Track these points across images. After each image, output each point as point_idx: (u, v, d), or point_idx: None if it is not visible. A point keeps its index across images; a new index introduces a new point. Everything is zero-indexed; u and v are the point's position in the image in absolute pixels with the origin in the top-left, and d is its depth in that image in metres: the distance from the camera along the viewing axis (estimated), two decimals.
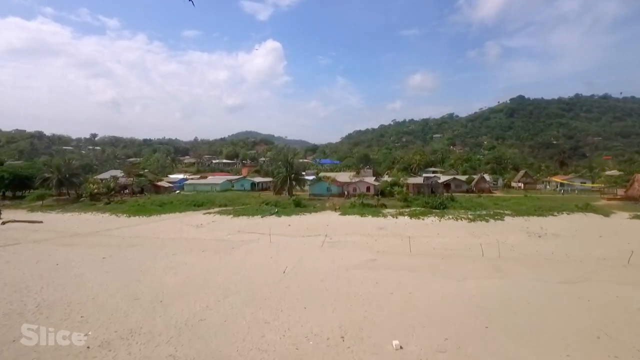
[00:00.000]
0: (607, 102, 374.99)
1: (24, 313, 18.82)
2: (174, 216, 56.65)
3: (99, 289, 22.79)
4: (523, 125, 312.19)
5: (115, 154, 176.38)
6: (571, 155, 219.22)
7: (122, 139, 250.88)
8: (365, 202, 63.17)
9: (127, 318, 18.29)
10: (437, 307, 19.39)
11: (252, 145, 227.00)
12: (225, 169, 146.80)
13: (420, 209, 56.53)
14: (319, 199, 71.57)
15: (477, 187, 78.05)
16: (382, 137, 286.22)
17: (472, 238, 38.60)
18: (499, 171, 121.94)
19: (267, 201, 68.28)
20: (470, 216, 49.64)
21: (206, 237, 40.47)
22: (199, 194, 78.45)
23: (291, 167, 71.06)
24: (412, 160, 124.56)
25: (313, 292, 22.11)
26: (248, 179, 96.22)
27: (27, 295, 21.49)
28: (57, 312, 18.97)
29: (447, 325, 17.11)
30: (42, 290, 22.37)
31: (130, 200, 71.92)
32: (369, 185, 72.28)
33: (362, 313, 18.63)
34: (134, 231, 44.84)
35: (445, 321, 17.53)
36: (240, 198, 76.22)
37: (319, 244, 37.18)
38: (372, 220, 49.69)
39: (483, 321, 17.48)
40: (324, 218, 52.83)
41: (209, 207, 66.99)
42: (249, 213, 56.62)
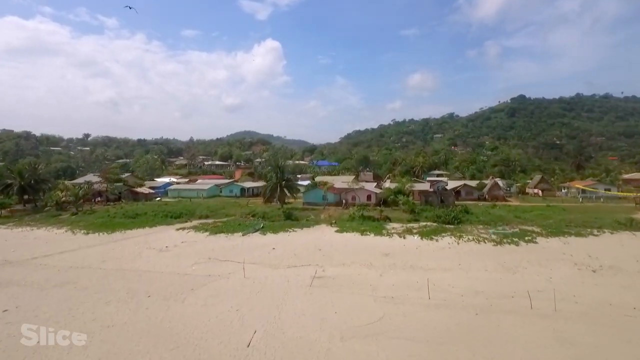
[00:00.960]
0: (609, 102, 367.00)
1: None
2: (142, 233, 47.39)
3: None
4: (524, 125, 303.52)
5: (104, 155, 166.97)
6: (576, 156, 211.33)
7: (116, 139, 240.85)
8: (366, 214, 54.01)
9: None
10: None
11: (248, 145, 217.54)
12: (218, 171, 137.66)
13: (431, 225, 47.36)
14: (313, 209, 62.43)
15: (490, 195, 69.07)
16: (382, 137, 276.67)
17: (506, 272, 29.42)
18: (508, 174, 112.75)
19: (254, 212, 59.11)
20: (494, 236, 40.42)
21: (165, 269, 31.25)
22: (178, 203, 69.20)
23: (282, 173, 61.90)
24: (415, 163, 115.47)
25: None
26: (237, 184, 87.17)
27: None
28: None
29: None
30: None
31: (101, 210, 62.74)
32: (370, 193, 63.22)
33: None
34: (80, 257, 35.63)
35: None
36: (226, 207, 67.01)
37: (307, 280, 28.06)
38: (374, 241, 40.49)
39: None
40: (318, 236, 43.63)
41: (187, 218, 57.78)
42: (229, 229, 47.37)
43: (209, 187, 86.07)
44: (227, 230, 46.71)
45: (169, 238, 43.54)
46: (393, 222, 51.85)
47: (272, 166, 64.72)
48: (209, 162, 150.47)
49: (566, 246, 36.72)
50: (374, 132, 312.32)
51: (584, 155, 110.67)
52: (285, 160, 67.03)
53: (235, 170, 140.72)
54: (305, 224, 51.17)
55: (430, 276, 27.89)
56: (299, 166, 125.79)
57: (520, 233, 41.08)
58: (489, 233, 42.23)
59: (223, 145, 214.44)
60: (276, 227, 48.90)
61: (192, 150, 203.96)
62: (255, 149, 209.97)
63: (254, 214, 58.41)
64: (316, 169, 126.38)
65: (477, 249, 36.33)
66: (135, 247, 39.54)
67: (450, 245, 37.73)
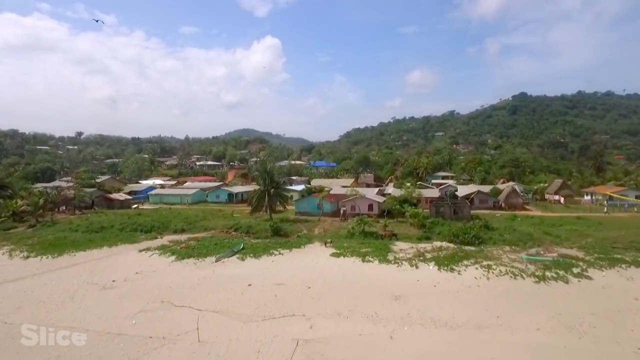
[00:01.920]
0: (611, 99, 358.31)
1: None
2: (95, 256, 38.40)
3: None
4: (527, 123, 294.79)
5: (94, 154, 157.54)
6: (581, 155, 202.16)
7: (109, 137, 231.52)
8: (368, 230, 45.13)
9: None
10: None
11: (245, 144, 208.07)
12: (211, 172, 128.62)
13: (447, 247, 38.45)
14: (307, 220, 53.48)
15: (507, 203, 60.26)
16: (382, 135, 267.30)
17: (568, 335, 20.46)
18: (518, 176, 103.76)
19: (238, 225, 50.16)
20: (531, 266, 31.45)
21: (93, 325, 22.33)
22: (155, 212, 60.13)
23: (271, 179, 52.92)
24: (418, 164, 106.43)
25: None
26: (225, 188, 78.14)
27: None
28: None
29: None
30: None
31: (64, 222, 53.84)
32: (372, 202, 54.36)
33: None
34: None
35: None
36: (208, 217, 58.10)
37: (288, 348, 19.25)
38: (380, 273, 31.52)
39: None
40: (308, 263, 34.71)
41: (159, 233, 48.93)
42: (202, 252, 38.39)
43: (193, 192, 76.98)
44: (199, 254, 37.69)
45: (124, 265, 34.55)
46: (400, 240, 42.96)
47: (260, 171, 55.65)
48: (200, 163, 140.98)
49: (631, 284, 27.75)
50: (373, 130, 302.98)
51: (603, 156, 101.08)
52: (273, 165, 57.30)
53: (229, 171, 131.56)
54: (295, 243, 42.22)
55: (461, 340, 19.08)
56: (295, 167, 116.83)
57: (563, 262, 32.07)
58: (521, 260, 33.35)
59: (218, 143, 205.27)
60: (259, 248, 39.90)
61: (187, 149, 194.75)
62: (251, 147, 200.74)
63: (237, 227, 49.47)
64: (313, 171, 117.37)
65: (514, 288, 27.30)
66: (74, 280, 30.56)
67: (478, 281, 28.72)
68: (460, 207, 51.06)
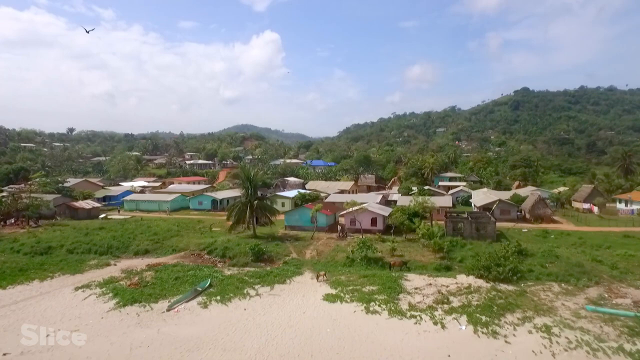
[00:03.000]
0: (614, 95, 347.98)
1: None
2: (14, 296, 28.71)
3: None
4: (529, 119, 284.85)
5: (80, 152, 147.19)
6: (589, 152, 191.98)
7: (101, 133, 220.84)
8: (372, 255, 35.46)
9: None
10: None
11: (240, 140, 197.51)
12: (201, 172, 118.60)
13: (478, 286, 28.79)
14: (297, 238, 43.80)
15: (532, 214, 50.60)
16: (382, 131, 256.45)
17: None
18: (532, 177, 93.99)
19: (213, 245, 40.50)
20: (610, 330, 21.72)
21: None
22: (119, 226, 49.86)
23: (254, 190, 43.01)
24: (423, 164, 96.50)
25: None
26: (208, 194, 68.08)
27: None
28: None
29: None
30: None
31: (7, 240, 44.09)
32: (375, 215, 44.65)
33: None
34: None
35: None
36: (182, 231, 48.40)
37: None
38: (391, 334, 21.83)
39: None
40: (292, 312, 25.07)
41: (115, 256, 39.47)
42: (154, 291, 28.69)
43: (173, 197, 67.02)
44: (150, 295, 28.02)
45: (42, 318, 24.86)
46: (413, 269, 33.37)
47: (242, 178, 45.54)
48: (191, 162, 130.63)
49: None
50: (373, 126, 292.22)
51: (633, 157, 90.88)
52: (257, 172, 46.92)
53: (220, 171, 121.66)
54: (279, 274, 32.55)
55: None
56: (290, 167, 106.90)
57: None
58: (585, 310, 23.74)
59: (213, 140, 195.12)
60: (231, 285, 30.15)
61: (180, 146, 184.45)
62: (247, 144, 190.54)
63: (211, 249, 39.79)
64: (310, 171, 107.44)
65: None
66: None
67: (539, 356, 19.03)
68: (484, 223, 41.29)
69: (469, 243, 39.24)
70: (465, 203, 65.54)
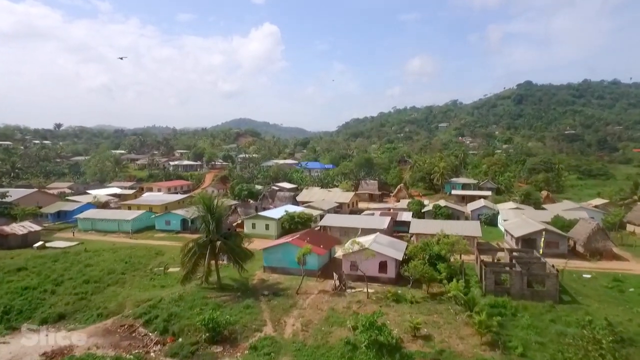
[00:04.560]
0: (619, 88, 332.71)
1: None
2: None
3: None
4: (534, 113, 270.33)
5: (59, 151, 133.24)
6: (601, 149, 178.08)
7: (90, 129, 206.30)
8: (384, 339, 22.50)
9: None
10: None
11: (234, 137, 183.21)
12: (186, 174, 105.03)
13: None
14: (276, 292, 31.00)
15: (588, 248, 37.62)
16: (383, 126, 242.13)
17: None
18: (556, 183, 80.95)
19: (155, 306, 27.68)
20: None
21: None
22: (43, 266, 36.17)
23: (217, 223, 29.72)
24: (432, 168, 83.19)
25: None
26: (176, 212, 54.21)
27: None
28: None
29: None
30: None
31: None
32: (385, 259, 31.57)
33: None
34: None
35: None
36: (128, 273, 35.56)
37: None
38: None
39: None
40: None
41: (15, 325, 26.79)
42: None
43: (135, 216, 53.74)
44: None
45: None
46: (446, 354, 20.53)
47: (202, 210, 31.28)
48: (175, 162, 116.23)
49: None
50: (374, 121, 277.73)
51: None
52: (220, 207, 32.63)
53: (207, 173, 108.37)
54: None
55: None
56: (284, 170, 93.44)
57: None
58: None
59: (206, 137, 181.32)
60: None
61: (171, 142, 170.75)
62: (241, 141, 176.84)
63: (151, 317, 26.87)
64: (304, 174, 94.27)
65: None
66: None
67: None
68: (540, 275, 28.31)
69: (521, 306, 26.48)
70: (490, 222, 52.58)
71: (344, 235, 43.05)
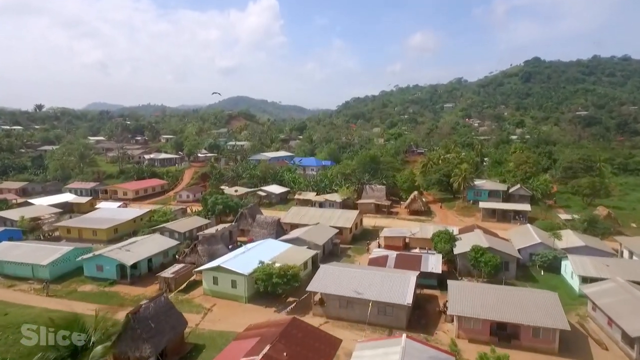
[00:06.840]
0: (630, 65, 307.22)
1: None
2: None
3: None
4: (543, 92, 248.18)
5: (25, 138, 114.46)
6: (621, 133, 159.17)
7: (73, 111, 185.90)
8: None
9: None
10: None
11: (226, 120, 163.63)
12: (162, 170, 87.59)
13: None
14: None
15: None
16: (385, 107, 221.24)
17: None
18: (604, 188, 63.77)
19: None
20: None
21: None
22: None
23: None
24: (452, 169, 65.71)
25: None
26: (112, 256, 36.42)
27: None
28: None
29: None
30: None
31: None
32: None
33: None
34: None
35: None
36: None
37: None
38: None
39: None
40: None
41: None
42: None
43: (53, 259, 37.06)
44: None
45: None
46: None
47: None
48: (149, 156, 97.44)
49: None
50: (375, 100, 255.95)
51: None
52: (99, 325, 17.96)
53: (186, 169, 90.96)
54: None
55: None
56: (274, 168, 75.54)
57: None
58: None
59: (196, 120, 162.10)
60: None
61: (157, 127, 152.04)
62: (233, 124, 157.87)
63: None
64: (298, 174, 77.13)
65: None
66: None
67: None
68: None
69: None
70: (549, 268, 35.90)
71: (345, 310, 27.00)
